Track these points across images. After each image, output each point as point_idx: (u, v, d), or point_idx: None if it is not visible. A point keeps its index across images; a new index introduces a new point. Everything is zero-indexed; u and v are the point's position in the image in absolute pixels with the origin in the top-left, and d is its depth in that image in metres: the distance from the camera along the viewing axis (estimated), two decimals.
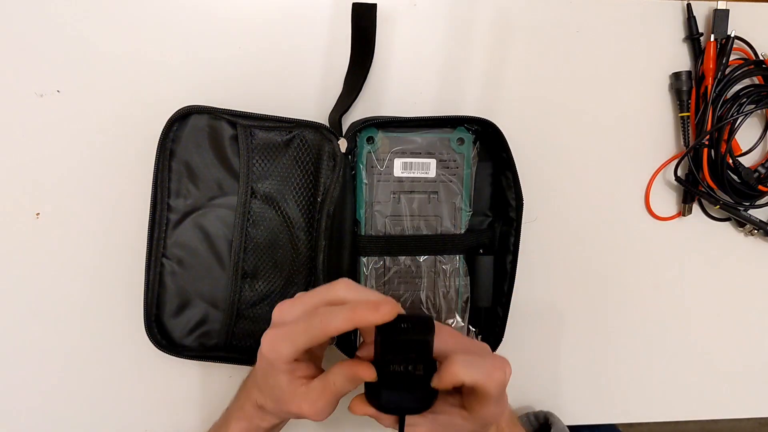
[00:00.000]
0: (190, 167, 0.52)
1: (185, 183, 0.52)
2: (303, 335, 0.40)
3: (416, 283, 0.54)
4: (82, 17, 0.54)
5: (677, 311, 0.61)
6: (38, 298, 0.54)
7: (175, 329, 0.52)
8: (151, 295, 0.51)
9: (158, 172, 0.51)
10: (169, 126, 0.50)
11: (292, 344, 0.40)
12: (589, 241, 0.59)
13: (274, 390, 0.43)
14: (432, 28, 0.57)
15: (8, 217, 0.54)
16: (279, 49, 0.55)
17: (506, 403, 0.44)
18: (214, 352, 0.53)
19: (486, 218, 0.55)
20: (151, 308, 0.51)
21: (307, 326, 0.40)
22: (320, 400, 0.41)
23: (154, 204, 0.51)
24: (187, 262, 0.52)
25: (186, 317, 0.52)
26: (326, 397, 0.41)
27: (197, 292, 0.52)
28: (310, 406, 0.41)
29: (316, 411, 0.42)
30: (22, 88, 0.53)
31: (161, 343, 0.52)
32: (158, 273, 0.51)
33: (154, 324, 0.52)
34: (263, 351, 0.41)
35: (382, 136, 0.52)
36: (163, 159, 0.51)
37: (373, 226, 0.53)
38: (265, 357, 0.41)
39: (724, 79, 0.57)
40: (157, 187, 0.51)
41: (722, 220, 0.61)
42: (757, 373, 0.62)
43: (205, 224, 0.52)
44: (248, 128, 0.52)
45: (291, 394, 0.42)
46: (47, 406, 0.55)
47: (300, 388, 0.42)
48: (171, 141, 0.51)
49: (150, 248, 0.51)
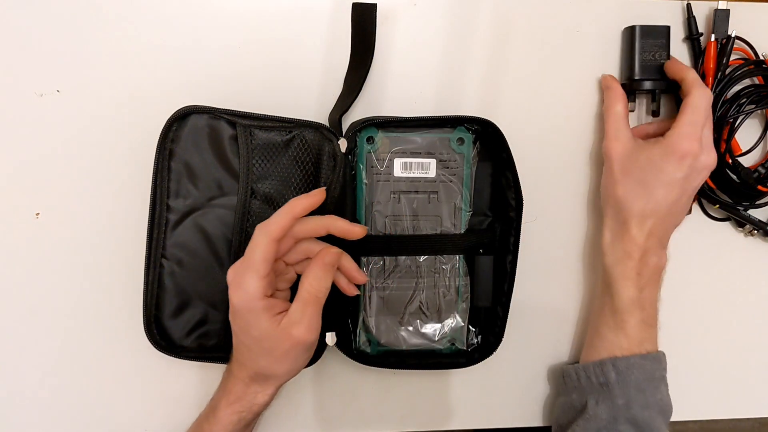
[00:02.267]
0: (189, 167, 0.51)
1: (185, 183, 0.52)
2: (255, 255, 0.43)
3: (416, 282, 0.54)
4: (82, 17, 0.54)
5: (677, 311, 0.61)
6: (38, 299, 0.54)
7: (175, 330, 0.52)
8: (150, 296, 0.51)
9: (157, 173, 0.51)
10: (169, 126, 0.50)
11: (253, 271, 0.43)
12: (589, 241, 0.59)
13: (262, 342, 0.44)
14: (432, 28, 0.57)
15: (8, 217, 0.54)
16: (279, 49, 0.55)
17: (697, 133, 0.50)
18: (213, 352, 0.53)
19: (486, 218, 0.55)
20: (150, 309, 0.51)
21: (253, 247, 0.44)
22: (305, 317, 0.44)
23: (153, 204, 0.51)
24: (186, 262, 0.52)
25: (185, 318, 0.52)
26: (310, 310, 0.44)
27: (196, 293, 0.52)
28: (300, 327, 0.44)
29: (308, 328, 0.44)
30: (22, 88, 0.53)
31: (160, 344, 0.52)
32: (157, 273, 0.51)
33: (153, 325, 0.51)
34: (235, 303, 0.44)
35: (382, 136, 0.52)
36: (162, 159, 0.51)
37: (373, 226, 0.53)
38: (239, 311, 0.44)
39: (724, 79, 0.57)
40: (157, 187, 0.51)
41: (722, 220, 0.61)
42: (757, 373, 0.62)
43: (204, 224, 0.52)
44: (248, 128, 0.52)
45: (279, 332, 0.44)
46: (46, 407, 0.55)
47: (282, 321, 0.44)
48: (170, 141, 0.51)
49: (149, 249, 0.51)
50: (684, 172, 0.50)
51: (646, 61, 0.56)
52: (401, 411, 0.58)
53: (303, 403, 0.57)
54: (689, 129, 0.50)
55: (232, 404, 0.47)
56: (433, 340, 0.55)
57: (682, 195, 0.51)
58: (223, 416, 0.47)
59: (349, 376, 0.57)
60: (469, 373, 0.57)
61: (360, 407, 0.58)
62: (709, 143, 0.52)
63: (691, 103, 0.51)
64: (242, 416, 0.47)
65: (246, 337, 0.45)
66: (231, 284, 0.44)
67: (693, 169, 0.50)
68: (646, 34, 0.56)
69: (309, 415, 0.57)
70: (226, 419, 0.47)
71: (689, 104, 0.51)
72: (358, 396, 0.58)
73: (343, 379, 0.57)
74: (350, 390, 0.58)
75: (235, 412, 0.47)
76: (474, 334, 0.56)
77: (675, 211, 0.52)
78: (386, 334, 0.54)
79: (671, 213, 0.51)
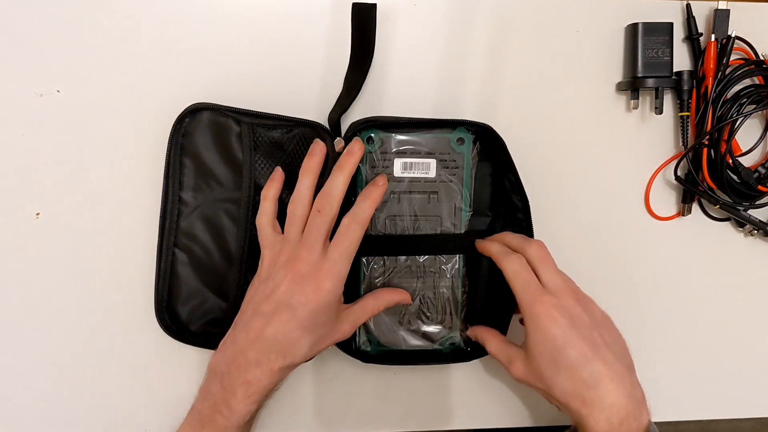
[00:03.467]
0: (199, 161, 0.52)
1: (194, 177, 0.53)
2: (352, 248, 0.47)
3: (416, 283, 0.54)
4: (83, 17, 0.54)
5: (677, 311, 0.61)
6: (37, 299, 0.54)
7: (184, 316, 0.53)
8: (162, 283, 0.52)
9: (169, 165, 0.52)
10: (180, 121, 0.51)
11: (348, 258, 0.47)
12: (589, 240, 0.59)
13: (325, 325, 0.47)
14: (432, 28, 0.57)
15: (8, 217, 0.54)
16: (279, 49, 0.55)
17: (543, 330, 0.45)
18: (218, 339, 0.52)
19: (486, 218, 0.55)
20: (162, 295, 0.52)
21: (351, 240, 0.47)
22: (356, 323, 0.50)
23: (165, 195, 0.52)
24: (196, 253, 0.53)
25: (193, 305, 0.53)
26: (361, 320, 0.50)
27: (206, 283, 0.53)
28: (351, 326, 0.49)
29: (351, 330, 0.50)
30: (22, 88, 0.53)
31: (171, 329, 0.53)
32: (170, 262, 0.52)
33: (165, 310, 0.52)
34: (327, 290, 0.46)
35: (382, 136, 0.52)
36: (174, 152, 0.52)
37: (373, 226, 0.53)
38: (327, 294, 0.46)
39: (724, 79, 0.57)
40: (168, 179, 0.52)
41: (722, 220, 0.61)
42: (757, 373, 0.62)
43: (213, 218, 0.53)
44: (251, 126, 0.52)
45: (338, 320, 0.48)
46: (48, 403, 0.55)
47: (343, 311, 0.49)
48: (181, 135, 0.52)
49: (161, 237, 0.52)
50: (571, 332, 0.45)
51: (649, 59, 0.56)
52: (401, 411, 0.58)
53: (303, 403, 0.57)
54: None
55: (251, 395, 0.46)
56: (433, 340, 0.55)
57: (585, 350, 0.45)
58: (242, 407, 0.46)
59: (349, 375, 0.57)
60: (469, 373, 0.57)
61: (360, 407, 0.58)
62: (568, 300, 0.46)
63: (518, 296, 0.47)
64: (261, 403, 0.47)
65: (311, 323, 0.46)
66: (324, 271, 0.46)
67: (573, 323, 0.45)
68: (648, 31, 0.56)
69: (309, 415, 0.57)
70: (245, 409, 0.46)
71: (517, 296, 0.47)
72: (358, 396, 0.58)
73: (343, 379, 0.57)
74: (350, 390, 0.58)
75: (255, 402, 0.46)
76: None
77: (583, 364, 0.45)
78: (386, 333, 0.54)
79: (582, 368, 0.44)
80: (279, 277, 0.46)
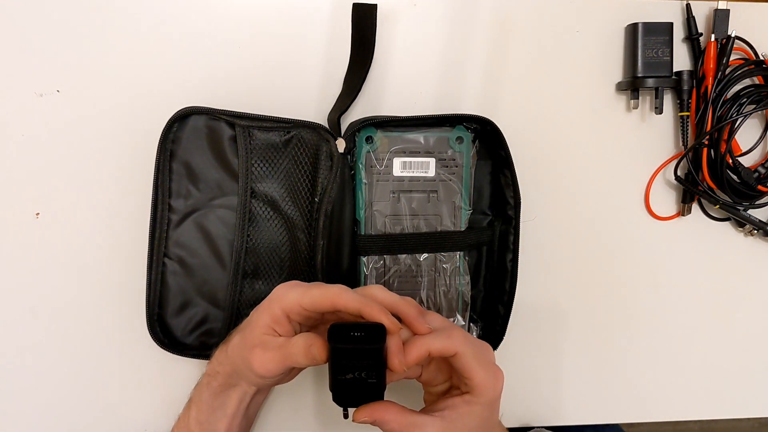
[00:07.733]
0: (190, 168, 0.52)
1: (185, 183, 0.52)
2: (313, 292, 0.42)
3: (417, 281, 0.54)
4: (82, 17, 0.54)
5: (677, 311, 0.61)
6: (37, 299, 0.54)
7: (177, 328, 0.53)
8: (153, 294, 0.51)
9: (158, 173, 0.51)
10: (169, 127, 0.51)
11: (303, 289, 0.42)
12: (589, 240, 0.59)
13: (250, 338, 0.44)
14: (432, 28, 0.57)
15: (8, 217, 0.54)
16: (279, 49, 0.56)
17: (493, 373, 0.43)
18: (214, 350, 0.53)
19: (486, 216, 0.55)
20: (153, 307, 0.51)
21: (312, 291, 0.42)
22: (273, 361, 0.43)
23: (155, 204, 0.51)
24: (188, 261, 0.52)
25: (187, 316, 0.53)
26: (279, 360, 0.42)
27: (198, 292, 0.52)
28: (262, 361, 0.43)
29: (264, 367, 0.43)
30: (22, 88, 0.53)
31: (163, 342, 0.52)
32: (160, 272, 0.52)
33: (156, 323, 0.52)
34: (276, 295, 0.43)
35: (381, 135, 0.52)
36: (163, 159, 0.51)
37: (373, 225, 0.53)
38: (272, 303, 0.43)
39: (724, 79, 0.57)
40: (158, 187, 0.51)
41: (722, 220, 0.61)
42: (757, 373, 0.62)
43: (205, 224, 0.52)
44: (247, 129, 0.52)
45: (257, 340, 0.43)
46: (46, 406, 0.55)
47: (265, 336, 0.43)
48: (171, 142, 0.51)
49: (151, 247, 0.51)
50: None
51: (649, 59, 0.56)
52: None
53: (303, 403, 0.57)
54: None
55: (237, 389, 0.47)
56: None
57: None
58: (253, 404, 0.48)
59: None
60: None
61: None
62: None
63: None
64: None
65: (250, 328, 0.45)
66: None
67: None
68: (648, 31, 0.56)
69: (309, 415, 0.57)
70: (254, 407, 0.48)
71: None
72: None
73: None
74: None
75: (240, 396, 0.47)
76: (475, 333, 0.55)
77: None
78: None
79: None
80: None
